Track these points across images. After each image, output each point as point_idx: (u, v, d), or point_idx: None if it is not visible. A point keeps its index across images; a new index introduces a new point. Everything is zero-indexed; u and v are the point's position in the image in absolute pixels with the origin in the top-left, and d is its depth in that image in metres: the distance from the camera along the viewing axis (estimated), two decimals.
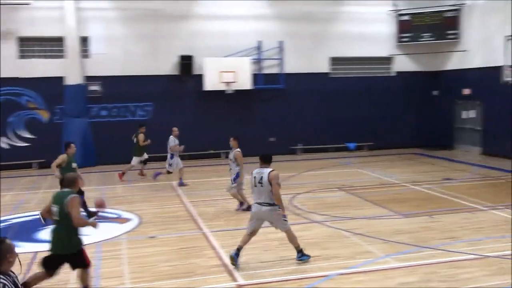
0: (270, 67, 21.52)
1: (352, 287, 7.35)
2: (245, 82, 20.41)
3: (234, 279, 7.75)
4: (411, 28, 22.39)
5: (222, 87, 20.17)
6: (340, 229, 10.23)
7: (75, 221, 6.50)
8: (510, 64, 14.03)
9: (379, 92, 22.63)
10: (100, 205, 7.50)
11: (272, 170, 8.16)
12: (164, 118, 19.48)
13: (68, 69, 19.30)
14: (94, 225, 6.88)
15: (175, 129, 15.58)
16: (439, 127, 22.90)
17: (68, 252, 6.63)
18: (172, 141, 15.38)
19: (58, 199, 6.64)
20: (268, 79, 21.37)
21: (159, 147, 16.56)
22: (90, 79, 19.67)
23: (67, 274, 7.30)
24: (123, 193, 14.72)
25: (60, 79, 19.21)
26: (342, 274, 7.79)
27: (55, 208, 6.62)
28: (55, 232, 6.65)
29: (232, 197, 12.30)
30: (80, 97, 19.53)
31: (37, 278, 6.53)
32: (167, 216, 11.81)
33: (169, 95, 20.59)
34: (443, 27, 21.91)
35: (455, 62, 22.14)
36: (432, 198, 13.01)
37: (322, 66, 22.18)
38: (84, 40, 19.65)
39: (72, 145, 11.45)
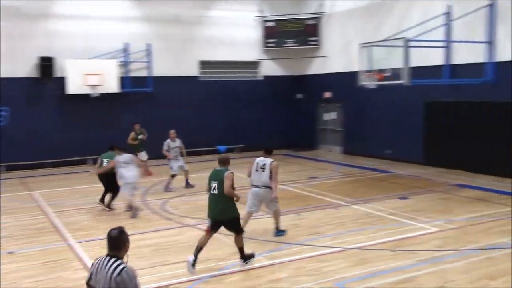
0: (137, 70, 21.02)
1: None
2: (111, 85, 19.70)
3: None
4: (276, 34, 23.30)
5: (87, 90, 19.26)
6: None
7: (226, 189, 7.90)
8: (365, 69, 15.15)
9: (247, 95, 23.23)
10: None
11: (274, 161, 9.82)
12: (22, 123, 18.17)
13: None
14: (238, 197, 8.21)
15: (171, 132, 15.00)
16: (304, 128, 24.10)
17: (225, 218, 8.08)
18: (166, 145, 14.82)
19: (216, 176, 8.06)
20: (136, 82, 20.86)
21: (18, 153, 15.42)
22: None
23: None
24: None
25: None
26: (215, 276, 7.84)
27: (214, 184, 8.00)
28: (214, 203, 8.07)
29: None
30: None
31: (204, 241, 8.09)
32: (28, 228, 10.98)
33: (28, 99, 19.21)
34: (305, 33, 23.11)
35: (317, 67, 23.46)
36: (299, 197, 13.62)
37: (191, 69, 22.20)
38: None
39: None
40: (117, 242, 4.38)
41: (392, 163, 18.80)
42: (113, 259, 4.28)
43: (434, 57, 17.19)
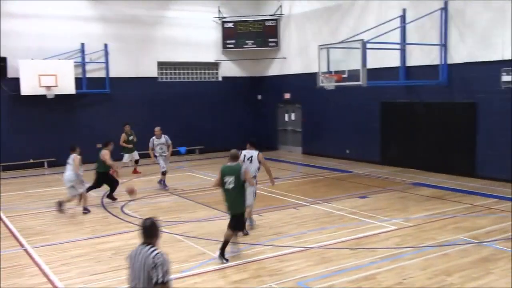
0: (95, 71, 20.63)
1: None
2: (67, 86, 19.22)
3: None
4: (235, 35, 23.30)
5: (42, 91, 18.74)
6: (173, 233, 10.21)
7: (250, 181, 8.67)
8: (324, 70, 15.34)
9: (207, 96, 23.15)
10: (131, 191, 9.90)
11: (260, 152, 10.36)
12: None
13: None
14: (253, 183, 9.16)
15: (156, 129, 14.99)
16: (265, 129, 24.20)
17: (238, 212, 8.45)
18: (151, 142, 14.85)
19: (231, 171, 8.39)
20: (93, 83, 20.46)
21: None
22: None
23: None
24: None
25: None
26: (176, 278, 7.76)
27: (230, 178, 8.31)
28: (233, 197, 8.39)
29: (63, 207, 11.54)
30: None
31: (229, 236, 8.44)
32: None
33: None
34: (265, 35, 23.21)
35: (276, 68, 23.60)
36: (261, 197, 13.60)
37: (150, 70, 21.95)
38: None
39: None
40: (151, 231, 4.79)
41: (351, 163, 19.11)
42: (148, 246, 4.69)
43: (390, 59, 17.59)
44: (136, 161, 18.13)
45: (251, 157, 10.21)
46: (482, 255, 8.45)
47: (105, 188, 13.46)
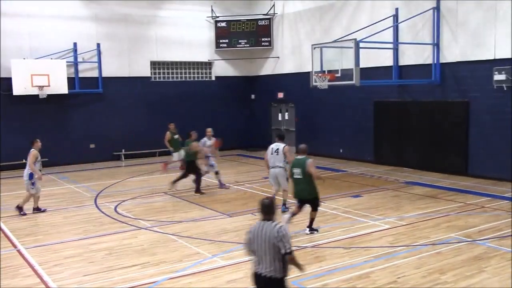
0: (87, 71, 20.56)
1: None
2: (60, 86, 19.13)
3: None
4: (228, 34, 23.28)
5: (34, 91, 18.65)
6: (167, 233, 10.19)
7: (314, 174, 9.62)
8: (317, 70, 15.35)
9: (200, 96, 23.13)
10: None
11: (286, 145, 11.49)
12: None
13: None
14: (323, 179, 10.35)
15: (208, 130, 15.19)
16: (258, 128, 24.20)
17: (306, 198, 9.79)
18: (202, 143, 14.76)
19: (298, 164, 9.70)
20: (85, 83, 20.39)
21: None
22: None
23: None
24: None
25: None
26: (171, 278, 7.75)
27: (297, 170, 9.63)
28: (299, 185, 9.74)
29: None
30: None
31: (314, 214, 9.90)
32: None
33: None
34: (258, 34, 23.20)
35: (269, 67, 23.60)
36: (254, 196, 13.65)
37: (143, 70, 21.89)
38: None
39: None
40: (270, 208, 5.44)
41: (345, 162, 19.15)
42: (269, 221, 5.35)
43: (383, 58, 17.64)
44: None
45: (278, 149, 11.43)
46: (475, 254, 8.49)
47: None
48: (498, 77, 14.34)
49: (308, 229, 9.93)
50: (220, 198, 13.63)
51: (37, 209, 12.27)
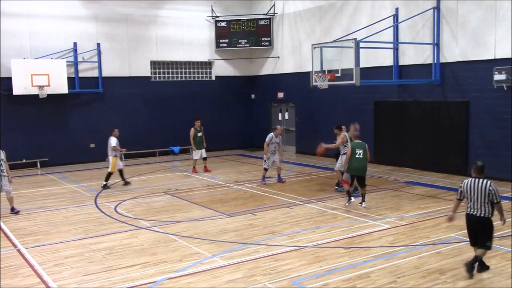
0: (87, 70, 20.56)
1: None
2: (60, 86, 19.14)
3: None
4: (228, 34, 23.28)
5: (34, 91, 18.65)
6: (167, 233, 10.19)
7: (369, 156, 12.28)
8: (317, 70, 15.35)
9: (200, 96, 23.14)
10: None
11: (342, 135, 13.59)
12: None
13: None
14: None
15: (278, 127, 15.75)
16: (258, 128, 24.19)
17: (362, 174, 11.97)
18: (268, 138, 15.22)
19: (360, 146, 11.89)
20: (85, 83, 20.40)
21: None
22: None
23: None
24: None
25: None
26: (170, 278, 7.76)
27: (360, 151, 11.80)
28: (360, 164, 11.84)
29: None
30: None
31: (348, 189, 12.13)
32: None
33: None
34: (258, 34, 23.20)
35: (269, 67, 23.60)
36: (254, 196, 13.66)
37: (143, 69, 21.89)
38: None
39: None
40: (481, 169, 7.56)
41: None
42: (481, 179, 7.45)
43: (383, 58, 17.64)
44: (204, 159, 17.66)
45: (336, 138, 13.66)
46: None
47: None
48: (498, 77, 14.33)
49: (364, 202, 11.97)
50: (220, 197, 13.64)
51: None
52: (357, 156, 11.77)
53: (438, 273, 7.63)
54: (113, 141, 15.09)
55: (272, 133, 15.44)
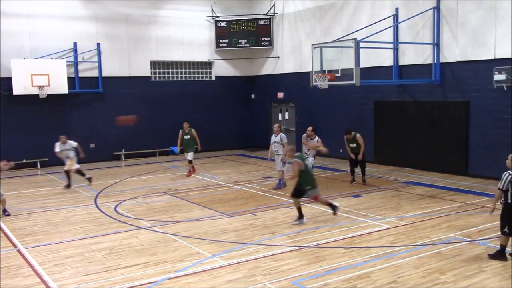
0: (87, 70, 20.56)
1: None
2: (60, 86, 19.14)
3: None
4: (228, 34, 23.28)
5: (34, 91, 18.66)
6: (167, 233, 10.19)
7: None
8: (317, 70, 15.36)
9: (200, 96, 23.14)
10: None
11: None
12: None
13: None
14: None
15: (276, 125, 15.37)
16: (258, 128, 24.19)
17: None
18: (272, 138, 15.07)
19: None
20: (85, 83, 20.40)
21: None
22: None
23: None
24: None
25: None
26: (170, 278, 7.75)
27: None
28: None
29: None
30: None
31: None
32: None
33: None
34: (258, 34, 23.20)
35: (269, 67, 23.60)
36: (254, 196, 13.66)
37: (143, 69, 21.89)
38: None
39: None
40: None
41: (344, 162, 19.07)
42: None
43: (383, 58, 17.64)
44: (190, 161, 17.19)
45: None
46: (475, 253, 8.49)
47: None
48: (498, 77, 14.33)
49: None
50: (220, 197, 13.63)
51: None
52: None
53: (438, 273, 7.63)
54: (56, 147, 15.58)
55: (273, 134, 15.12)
